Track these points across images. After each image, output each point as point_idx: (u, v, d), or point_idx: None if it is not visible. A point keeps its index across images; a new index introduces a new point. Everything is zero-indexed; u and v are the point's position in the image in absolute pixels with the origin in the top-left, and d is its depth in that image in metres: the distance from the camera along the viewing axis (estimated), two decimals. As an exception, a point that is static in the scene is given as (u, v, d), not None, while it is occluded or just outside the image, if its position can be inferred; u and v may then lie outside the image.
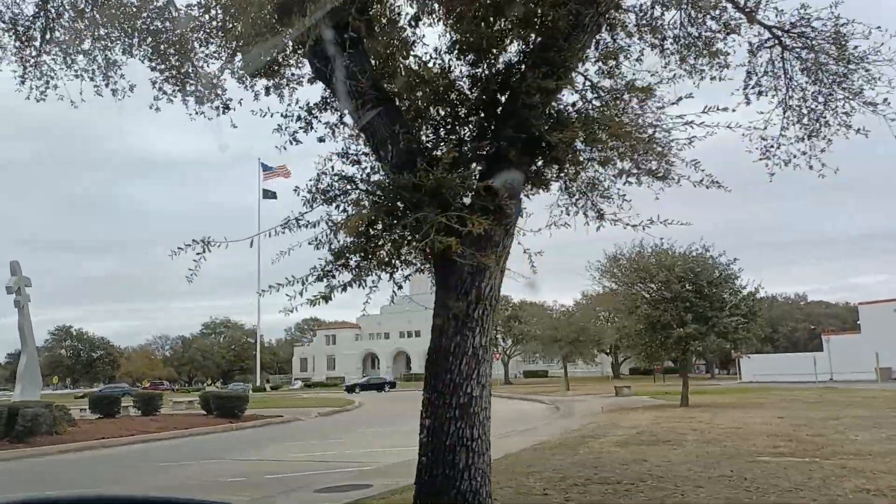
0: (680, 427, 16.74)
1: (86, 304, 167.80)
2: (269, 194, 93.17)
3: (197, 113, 9.81)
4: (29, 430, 19.14)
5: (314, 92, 9.08)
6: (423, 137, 7.33)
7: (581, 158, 6.90)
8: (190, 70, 9.73)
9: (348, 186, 6.77)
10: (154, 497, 2.77)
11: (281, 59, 9.47)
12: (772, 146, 8.59)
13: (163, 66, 9.58)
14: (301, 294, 6.50)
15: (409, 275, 7.51)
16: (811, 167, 8.46)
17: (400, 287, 7.30)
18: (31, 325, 35.59)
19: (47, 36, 9.52)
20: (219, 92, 9.78)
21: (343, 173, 6.87)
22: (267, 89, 9.76)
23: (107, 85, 9.62)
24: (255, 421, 28.12)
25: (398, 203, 6.39)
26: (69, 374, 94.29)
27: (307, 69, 9.07)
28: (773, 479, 8.82)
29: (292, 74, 9.61)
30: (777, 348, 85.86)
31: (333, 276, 6.91)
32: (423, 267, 6.91)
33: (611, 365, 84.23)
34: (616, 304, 27.05)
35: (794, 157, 8.52)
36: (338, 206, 6.41)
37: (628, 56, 8.05)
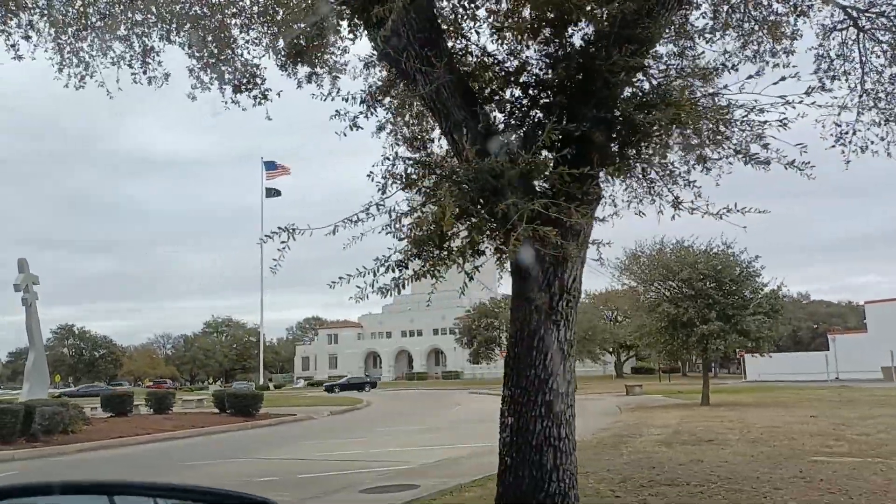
0: (715, 426, 16.38)
1: (85, 304, 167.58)
2: (272, 192, 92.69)
3: (232, 101, 9.46)
4: (46, 428, 18.76)
5: (355, 84, 8.68)
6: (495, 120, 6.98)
7: (668, 142, 6.52)
8: (230, 57, 9.37)
9: (422, 171, 6.41)
10: (176, 485, 2.43)
11: (325, 44, 9.15)
12: (846, 132, 8.23)
13: (200, 54, 9.20)
14: (372, 285, 6.21)
15: (480, 265, 7.16)
16: (889, 154, 8.12)
17: (471, 278, 6.96)
18: (39, 323, 35.20)
19: (83, 21, 9.13)
20: (257, 81, 9.43)
21: (417, 158, 6.52)
22: (309, 76, 9.40)
23: (144, 72, 9.25)
24: (270, 419, 27.75)
25: (477, 190, 6.06)
26: (71, 373, 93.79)
27: (349, 56, 8.74)
28: (849, 480, 8.46)
29: (335, 62, 9.27)
30: (780, 347, 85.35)
31: (406, 266, 6.59)
32: (499, 257, 6.53)
33: (613, 364, 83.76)
34: (634, 302, 26.66)
35: (871, 143, 8.18)
36: (419, 191, 6.05)
37: (704, 36, 7.75)
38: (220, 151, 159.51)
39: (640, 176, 7.15)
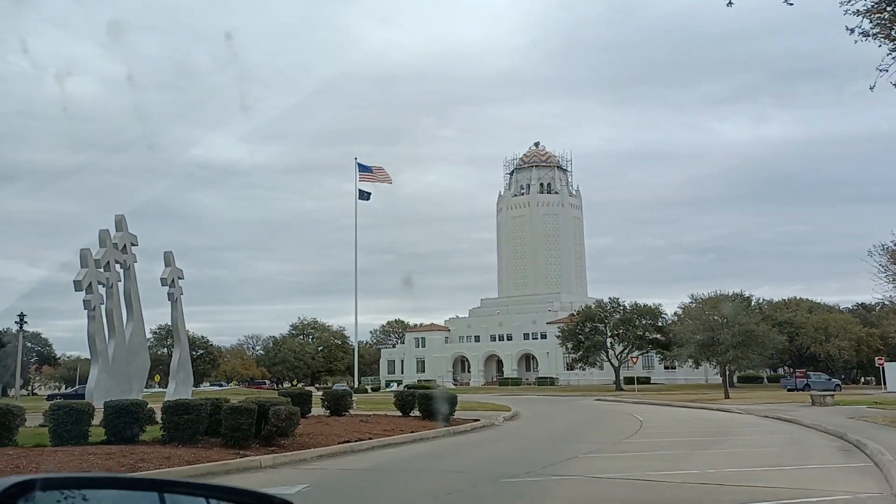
0: None
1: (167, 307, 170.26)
2: (364, 195, 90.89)
3: None
4: (280, 431, 16.01)
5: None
6: None
7: None
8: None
9: None
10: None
11: None
12: None
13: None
14: None
15: None
16: None
17: None
18: (184, 319, 33.02)
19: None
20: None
21: None
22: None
23: None
24: (465, 424, 24.66)
25: None
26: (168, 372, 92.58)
27: None
28: None
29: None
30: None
31: None
32: None
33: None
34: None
35: None
36: None
37: None
38: (288, 159, 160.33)
39: None
